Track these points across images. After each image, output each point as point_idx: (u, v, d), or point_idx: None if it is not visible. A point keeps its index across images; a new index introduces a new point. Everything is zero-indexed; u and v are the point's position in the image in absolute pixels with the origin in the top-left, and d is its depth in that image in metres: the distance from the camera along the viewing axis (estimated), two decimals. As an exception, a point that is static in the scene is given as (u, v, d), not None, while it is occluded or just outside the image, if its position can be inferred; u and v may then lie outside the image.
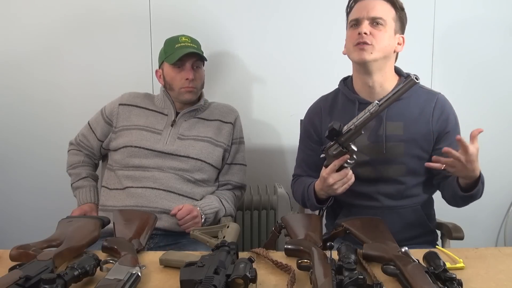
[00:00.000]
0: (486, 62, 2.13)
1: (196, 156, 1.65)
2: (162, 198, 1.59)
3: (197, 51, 1.69)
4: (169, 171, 1.63)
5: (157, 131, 1.68)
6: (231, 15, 2.05)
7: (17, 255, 1.05)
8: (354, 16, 1.41)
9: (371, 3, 1.39)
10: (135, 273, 0.92)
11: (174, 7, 2.03)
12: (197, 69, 1.70)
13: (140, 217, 1.28)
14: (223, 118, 1.75)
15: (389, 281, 0.97)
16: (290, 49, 2.07)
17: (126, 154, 1.65)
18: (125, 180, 1.63)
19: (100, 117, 1.75)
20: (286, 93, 2.10)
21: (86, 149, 1.77)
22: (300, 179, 1.57)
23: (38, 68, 2.04)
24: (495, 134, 2.17)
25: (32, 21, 2.01)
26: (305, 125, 1.60)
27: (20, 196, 2.11)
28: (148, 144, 1.64)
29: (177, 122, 1.70)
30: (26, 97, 2.05)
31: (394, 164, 1.43)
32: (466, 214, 1.92)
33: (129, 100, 1.75)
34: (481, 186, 1.32)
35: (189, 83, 1.67)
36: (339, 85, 1.55)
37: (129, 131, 1.68)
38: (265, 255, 1.11)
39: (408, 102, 1.43)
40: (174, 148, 1.65)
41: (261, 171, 2.14)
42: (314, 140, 1.55)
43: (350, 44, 1.40)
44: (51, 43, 2.02)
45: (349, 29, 1.43)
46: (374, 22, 1.37)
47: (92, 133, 1.76)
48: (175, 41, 1.71)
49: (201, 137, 1.69)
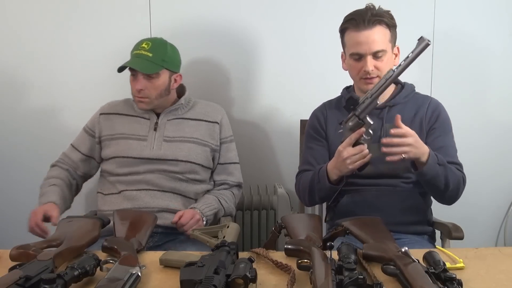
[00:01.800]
0: (486, 62, 2.13)
1: (185, 159, 1.64)
2: (158, 198, 1.60)
3: (138, 66, 1.60)
4: (160, 173, 1.63)
5: (142, 137, 1.66)
6: (236, 16, 2.05)
7: (17, 255, 1.05)
8: (354, 49, 1.46)
9: (371, 35, 1.43)
10: (135, 273, 0.92)
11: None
12: (150, 78, 1.61)
13: (140, 217, 1.28)
14: (208, 118, 1.72)
15: (389, 281, 0.97)
16: (291, 50, 2.07)
17: (115, 165, 1.65)
18: (119, 185, 1.63)
19: (83, 134, 1.73)
20: (286, 93, 2.09)
21: (67, 165, 1.72)
22: (307, 172, 1.57)
23: (37, 68, 2.04)
24: (495, 134, 2.17)
25: (32, 21, 2.01)
26: (310, 122, 1.64)
27: (20, 196, 2.10)
28: (135, 152, 1.63)
29: (159, 125, 1.67)
30: (26, 97, 2.05)
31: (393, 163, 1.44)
32: (466, 214, 1.93)
33: (109, 109, 1.73)
34: (442, 169, 1.37)
35: (139, 93, 1.62)
36: (342, 93, 1.63)
37: (115, 140, 1.66)
38: (265, 255, 1.11)
39: (405, 106, 1.53)
40: (162, 153, 1.63)
41: (261, 171, 2.14)
42: (320, 134, 1.59)
43: (355, 73, 1.50)
44: (50, 41, 2.02)
45: (351, 59, 1.49)
46: (376, 54, 1.44)
47: (75, 151, 1.72)
48: (135, 47, 1.66)
49: (187, 138, 1.67)
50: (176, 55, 1.71)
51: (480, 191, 2.17)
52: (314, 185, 1.48)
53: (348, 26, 1.47)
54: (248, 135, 2.05)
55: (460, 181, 1.44)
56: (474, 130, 2.15)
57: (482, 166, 2.14)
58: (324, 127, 1.59)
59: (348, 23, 1.46)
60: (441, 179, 1.38)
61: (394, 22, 1.48)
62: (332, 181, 1.42)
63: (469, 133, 2.12)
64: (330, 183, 1.42)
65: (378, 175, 1.48)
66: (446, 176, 1.39)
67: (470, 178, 1.51)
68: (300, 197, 1.62)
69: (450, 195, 1.44)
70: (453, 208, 1.46)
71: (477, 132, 2.16)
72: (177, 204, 1.62)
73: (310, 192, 1.51)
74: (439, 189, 1.41)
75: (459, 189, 1.45)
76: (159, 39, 1.70)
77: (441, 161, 1.38)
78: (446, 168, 1.39)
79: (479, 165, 2.16)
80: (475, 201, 2.17)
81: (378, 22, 1.43)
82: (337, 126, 1.53)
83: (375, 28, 1.43)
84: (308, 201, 1.57)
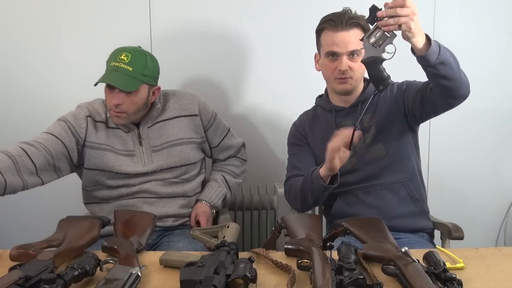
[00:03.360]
0: (486, 62, 2.13)
1: (179, 164, 1.61)
2: (156, 205, 1.58)
3: (117, 82, 1.47)
4: (155, 180, 1.60)
5: (130, 153, 1.58)
6: (236, 16, 2.04)
7: (17, 255, 1.05)
8: (331, 48, 1.48)
9: (347, 36, 1.45)
10: (135, 273, 0.92)
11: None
12: (129, 94, 1.49)
13: (140, 217, 1.29)
14: (186, 112, 1.65)
15: (389, 281, 0.98)
16: (291, 50, 2.07)
17: (105, 177, 1.57)
18: (114, 196, 1.59)
19: (66, 128, 1.52)
20: (286, 93, 2.09)
21: (41, 146, 1.44)
22: (296, 178, 1.57)
23: (35, 68, 2.03)
24: (496, 134, 2.17)
25: (32, 23, 2.01)
26: (291, 133, 1.68)
27: (20, 196, 2.09)
28: (129, 169, 1.56)
29: (143, 137, 1.59)
30: (24, 97, 2.05)
31: (372, 146, 1.52)
32: (466, 214, 1.93)
33: (94, 114, 1.57)
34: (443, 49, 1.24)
35: (116, 107, 1.50)
36: (316, 101, 1.68)
37: (102, 152, 1.55)
38: (265, 255, 1.11)
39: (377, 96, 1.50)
40: (155, 165, 1.58)
41: (261, 171, 2.14)
42: (302, 141, 1.63)
43: (329, 73, 1.51)
44: (48, 40, 2.02)
45: (326, 58, 1.51)
46: (351, 54, 1.46)
47: (57, 140, 1.48)
48: (112, 58, 1.52)
49: (174, 141, 1.61)
50: (156, 67, 1.59)
51: (480, 191, 2.17)
52: (307, 187, 1.47)
53: (325, 26, 1.49)
54: (248, 135, 2.04)
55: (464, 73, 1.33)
56: (474, 129, 2.15)
57: (482, 166, 2.14)
58: (305, 134, 1.63)
59: (326, 23, 1.48)
60: (450, 61, 1.25)
61: (369, 27, 1.43)
62: (325, 181, 1.41)
63: (469, 133, 2.13)
64: (324, 184, 1.41)
65: (365, 177, 1.51)
66: (454, 58, 1.28)
67: (470, 178, 1.51)
68: (292, 202, 1.61)
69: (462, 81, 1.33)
70: (453, 208, 1.47)
71: (477, 132, 2.16)
72: (175, 207, 1.61)
73: (303, 195, 1.51)
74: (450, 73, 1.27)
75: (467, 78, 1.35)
76: (139, 49, 1.57)
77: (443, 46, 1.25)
78: (452, 53, 1.27)
79: (479, 165, 2.16)
80: (475, 201, 2.18)
81: (355, 25, 1.46)
82: (316, 134, 1.59)
83: (352, 30, 1.45)
84: (301, 205, 1.55)
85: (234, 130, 1.81)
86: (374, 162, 1.51)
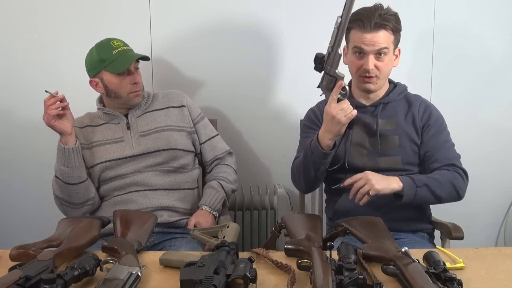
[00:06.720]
0: (487, 61, 2.12)
1: (166, 147, 1.65)
2: (150, 197, 1.60)
3: (137, 54, 1.67)
4: (147, 170, 1.63)
5: (118, 139, 1.65)
6: (236, 17, 2.04)
7: (17, 255, 1.05)
8: (358, 44, 1.47)
9: (375, 37, 1.45)
10: (135, 273, 0.92)
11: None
12: (137, 70, 1.68)
13: (140, 217, 1.29)
14: (174, 104, 1.74)
15: (389, 281, 0.98)
16: (292, 49, 2.07)
17: (99, 171, 1.63)
18: (110, 192, 1.63)
19: None
20: (286, 93, 2.09)
21: None
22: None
23: (35, 70, 2.03)
24: (496, 134, 2.17)
25: (34, 27, 2.01)
26: (306, 116, 1.68)
27: (20, 196, 2.10)
28: (116, 154, 1.63)
29: (131, 124, 1.67)
30: (24, 99, 2.05)
31: (390, 156, 1.53)
32: (466, 214, 1.93)
33: (77, 123, 1.65)
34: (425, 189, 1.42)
35: (136, 86, 1.65)
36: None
37: (90, 150, 1.64)
38: (265, 255, 1.11)
39: (398, 103, 1.57)
40: (143, 148, 1.64)
41: (261, 171, 2.14)
42: (316, 124, 1.61)
43: (355, 70, 1.52)
44: (49, 44, 2.02)
45: (353, 54, 1.51)
46: (378, 53, 1.47)
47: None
48: (109, 47, 1.63)
49: (162, 127, 1.68)
50: None
51: (480, 190, 2.16)
52: (308, 159, 1.46)
53: (353, 26, 1.47)
54: (248, 135, 2.05)
55: (453, 183, 1.45)
56: (474, 128, 2.15)
57: (482, 165, 2.13)
58: (321, 119, 1.58)
59: (354, 23, 1.46)
60: (428, 197, 1.43)
61: (399, 27, 1.49)
62: (325, 147, 1.41)
63: (469, 132, 2.12)
64: (323, 150, 1.41)
65: (375, 169, 1.47)
66: (432, 191, 1.43)
67: (471, 177, 1.51)
68: (296, 182, 1.59)
69: (448, 199, 1.47)
70: (453, 208, 1.46)
71: (477, 131, 2.15)
72: (170, 200, 1.62)
73: (305, 169, 1.49)
74: (432, 203, 1.49)
75: (457, 190, 1.46)
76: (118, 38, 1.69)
77: (419, 182, 1.42)
78: (429, 185, 1.42)
79: (479, 165, 2.15)
80: (475, 201, 2.17)
81: (383, 27, 1.44)
82: None
83: (380, 32, 1.45)
84: (304, 182, 1.53)
85: (234, 131, 1.82)
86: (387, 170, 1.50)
